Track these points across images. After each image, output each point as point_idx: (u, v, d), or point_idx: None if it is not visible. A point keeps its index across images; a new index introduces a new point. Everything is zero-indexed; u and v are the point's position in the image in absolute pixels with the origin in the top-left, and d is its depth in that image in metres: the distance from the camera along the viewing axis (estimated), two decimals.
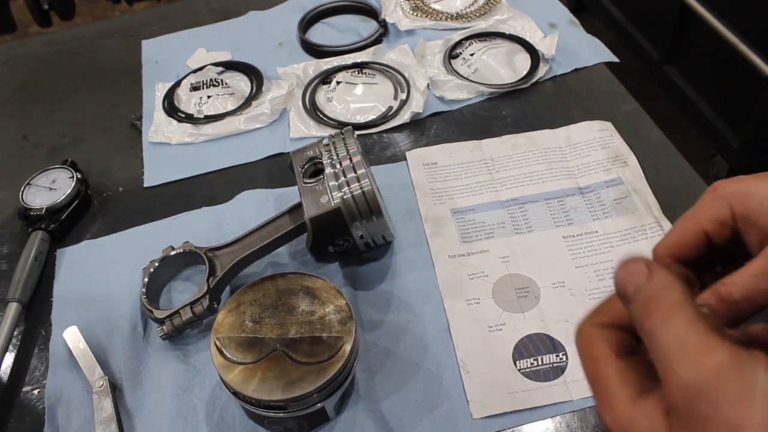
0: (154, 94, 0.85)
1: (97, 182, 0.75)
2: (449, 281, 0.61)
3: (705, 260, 0.43)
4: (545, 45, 0.84)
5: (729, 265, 0.40)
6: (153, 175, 0.75)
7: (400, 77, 0.83)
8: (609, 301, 0.36)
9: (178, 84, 0.86)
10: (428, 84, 0.81)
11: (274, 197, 0.70)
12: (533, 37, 0.87)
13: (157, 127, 0.80)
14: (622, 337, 0.34)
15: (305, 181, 0.60)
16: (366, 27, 0.93)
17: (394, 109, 0.79)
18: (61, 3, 1.50)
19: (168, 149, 0.78)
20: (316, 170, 0.62)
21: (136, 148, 0.79)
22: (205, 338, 0.59)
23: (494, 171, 0.71)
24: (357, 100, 0.80)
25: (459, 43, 0.86)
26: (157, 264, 0.61)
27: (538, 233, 0.64)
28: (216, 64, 0.88)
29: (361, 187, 0.56)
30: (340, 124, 0.78)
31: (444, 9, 0.93)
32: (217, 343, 0.49)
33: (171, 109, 0.82)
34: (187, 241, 0.63)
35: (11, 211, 0.72)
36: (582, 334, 0.34)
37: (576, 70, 0.83)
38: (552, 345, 0.55)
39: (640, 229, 0.63)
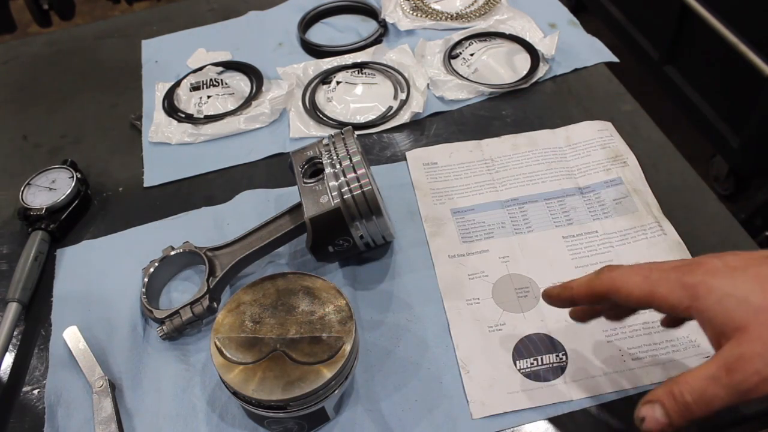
0: (154, 94, 0.85)
1: (97, 182, 0.75)
2: (449, 281, 0.61)
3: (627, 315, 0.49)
4: (545, 45, 0.84)
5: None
6: (153, 175, 0.75)
7: (400, 77, 0.83)
8: None
9: (178, 84, 0.86)
10: (428, 84, 0.81)
11: (274, 197, 0.70)
12: (533, 37, 0.87)
13: (157, 127, 0.80)
14: None
15: (305, 181, 0.60)
16: (366, 27, 0.93)
17: (394, 109, 0.79)
18: (61, 3, 1.51)
19: (168, 149, 0.78)
20: (316, 170, 0.62)
21: (136, 148, 0.79)
22: (205, 338, 0.59)
23: (494, 171, 0.71)
24: (357, 100, 0.80)
25: (459, 43, 0.86)
26: (157, 264, 0.61)
27: (538, 233, 0.64)
28: (216, 64, 0.88)
29: (361, 187, 0.56)
30: (340, 124, 0.78)
31: (444, 9, 0.93)
32: (217, 343, 0.49)
33: (171, 109, 0.82)
34: (187, 241, 0.63)
35: (11, 211, 0.72)
36: None
37: (576, 70, 0.83)
38: (552, 345, 0.55)
39: (640, 229, 0.63)
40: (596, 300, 0.45)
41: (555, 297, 0.49)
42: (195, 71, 0.87)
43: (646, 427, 0.39)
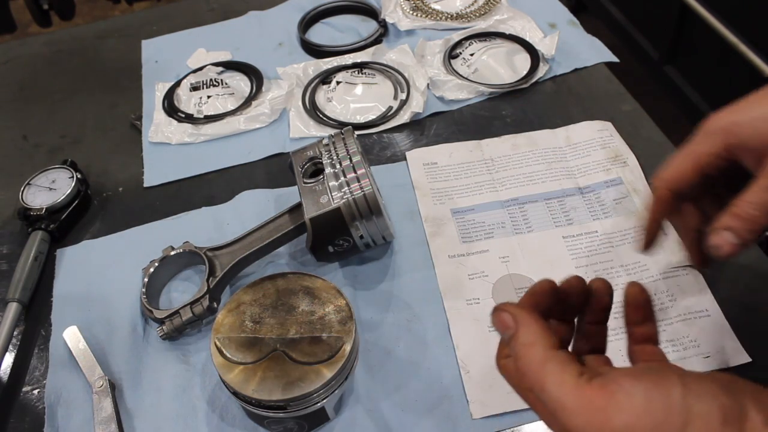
0: (154, 94, 0.85)
1: (97, 182, 0.75)
2: (449, 281, 0.61)
3: (702, 186, 0.46)
4: (545, 45, 0.84)
5: (729, 187, 0.44)
6: (153, 175, 0.75)
7: (400, 77, 0.83)
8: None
9: (178, 84, 0.86)
10: (428, 84, 0.81)
11: (274, 197, 0.70)
12: (533, 37, 0.87)
13: (157, 127, 0.80)
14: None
15: (305, 181, 0.60)
16: (366, 27, 0.93)
17: (394, 109, 0.79)
18: (61, 3, 1.50)
19: (168, 149, 0.78)
20: (316, 170, 0.62)
21: (136, 148, 0.79)
22: (205, 338, 0.59)
23: (494, 171, 0.71)
24: (357, 100, 0.80)
25: (459, 43, 0.86)
26: (157, 264, 0.61)
27: (538, 233, 0.64)
28: (216, 64, 0.88)
29: (361, 187, 0.56)
30: (340, 124, 0.78)
31: (444, 9, 0.93)
32: (217, 343, 0.49)
33: (171, 109, 0.82)
34: (187, 241, 0.63)
35: (11, 211, 0.72)
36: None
37: (576, 70, 0.83)
38: None
39: (640, 229, 0.63)
40: (672, 205, 0.47)
41: (650, 238, 0.50)
42: (195, 71, 0.87)
43: (722, 253, 0.41)
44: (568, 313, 0.41)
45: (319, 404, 0.48)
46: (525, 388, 0.34)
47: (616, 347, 0.55)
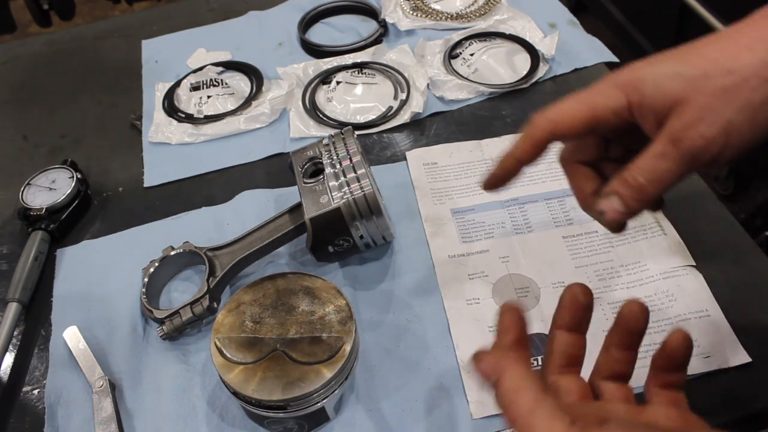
0: (154, 94, 0.85)
1: (97, 182, 0.75)
2: (449, 281, 0.61)
3: (599, 150, 0.43)
4: (545, 45, 0.84)
5: (625, 156, 0.41)
6: (153, 175, 0.75)
7: (400, 77, 0.83)
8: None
9: (178, 84, 0.86)
10: (428, 84, 0.81)
11: (274, 197, 0.70)
12: (533, 37, 0.87)
13: (157, 127, 0.80)
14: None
15: (305, 181, 0.60)
16: (366, 27, 0.93)
17: (394, 109, 0.79)
18: (61, 3, 1.50)
19: (168, 149, 0.78)
20: (316, 170, 0.62)
21: (136, 148, 0.79)
22: (205, 338, 0.59)
23: None
24: (357, 100, 0.80)
25: (459, 43, 0.86)
26: (157, 264, 0.61)
27: (538, 233, 0.64)
28: (216, 64, 0.88)
29: (361, 187, 0.56)
30: (340, 124, 0.78)
31: (444, 9, 0.93)
32: (217, 343, 0.49)
33: (171, 109, 0.82)
34: (187, 241, 0.63)
35: (11, 211, 0.72)
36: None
37: (576, 70, 0.83)
38: None
39: (640, 229, 0.63)
40: (541, 150, 0.43)
41: (501, 174, 0.45)
42: (195, 71, 0.87)
43: (607, 218, 0.39)
44: (583, 324, 0.38)
45: (319, 404, 0.48)
46: None
47: None
